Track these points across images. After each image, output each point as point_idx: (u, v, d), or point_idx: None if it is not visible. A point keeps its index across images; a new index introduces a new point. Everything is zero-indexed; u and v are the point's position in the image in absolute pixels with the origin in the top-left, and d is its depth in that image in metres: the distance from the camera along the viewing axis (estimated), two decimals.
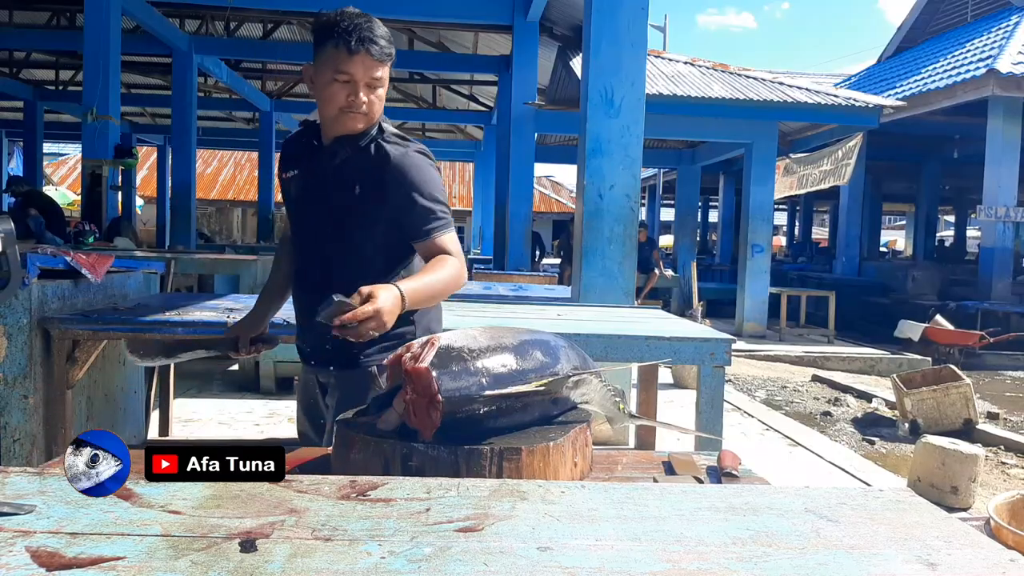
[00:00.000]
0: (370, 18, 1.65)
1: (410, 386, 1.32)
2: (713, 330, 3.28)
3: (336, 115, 1.66)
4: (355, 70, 1.62)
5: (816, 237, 27.31)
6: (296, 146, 1.82)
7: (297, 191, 1.79)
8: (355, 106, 1.64)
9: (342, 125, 1.68)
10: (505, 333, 1.51)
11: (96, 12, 7.54)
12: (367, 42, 1.61)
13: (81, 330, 2.45)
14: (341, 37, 1.60)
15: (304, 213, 1.79)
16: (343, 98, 1.64)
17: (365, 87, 1.64)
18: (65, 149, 25.56)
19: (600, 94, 4.53)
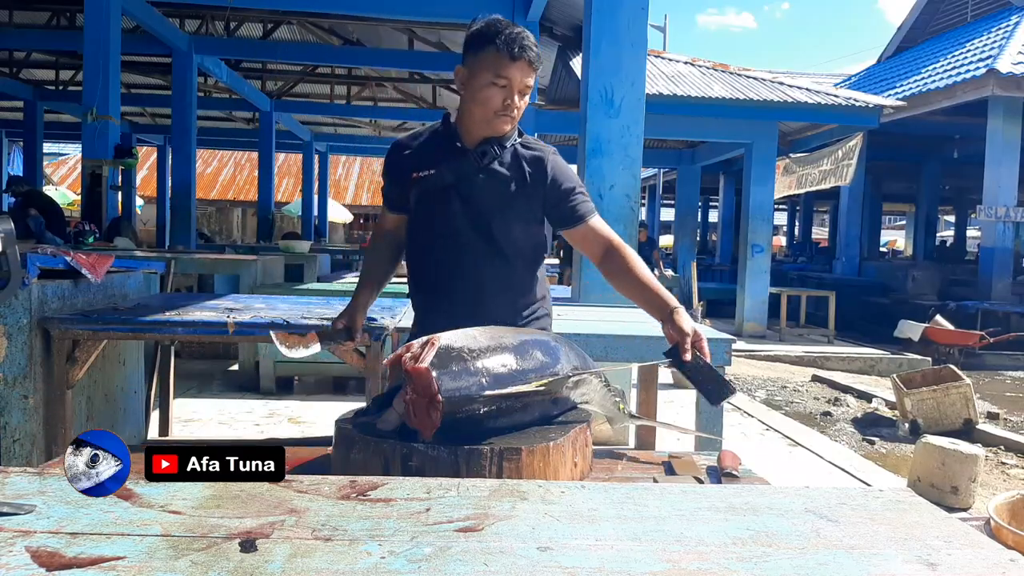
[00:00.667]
0: (517, 26, 1.74)
1: (410, 386, 1.32)
2: (713, 330, 3.28)
3: (490, 118, 1.74)
4: (513, 75, 1.69)
5: (816, 237, 27.31)
6: (429, 146, 1.85)
7: (433, 190, 1.80)
8: (508, 109, 1.72)
9: (492, 127, 1.75)
10: (505, 333, 1.51)
11: (96, 12, 7.53)
12: (527, 49, 1.69)
13: (81, 330, 2.45)
14: (504, 43, 1.68)
15: (443, 213, 1.79)
16: (499, 101, 1.71)
17: (518, 92, 1.72)
18: (65, 149, 25.55)
19: (600, 94, 4.53)
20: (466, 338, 1.42)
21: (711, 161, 14.89)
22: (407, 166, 1.83)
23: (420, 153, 1.84)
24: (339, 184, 25.10)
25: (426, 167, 1.80)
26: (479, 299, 1.78)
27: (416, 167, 1.81)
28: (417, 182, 1.80)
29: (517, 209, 1.78)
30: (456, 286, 1.80)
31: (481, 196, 1.77)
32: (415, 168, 1.81)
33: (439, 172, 1.78)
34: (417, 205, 1.83)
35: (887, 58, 17.06)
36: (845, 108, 10.20)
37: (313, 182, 18.21)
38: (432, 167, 1.79)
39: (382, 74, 13.82)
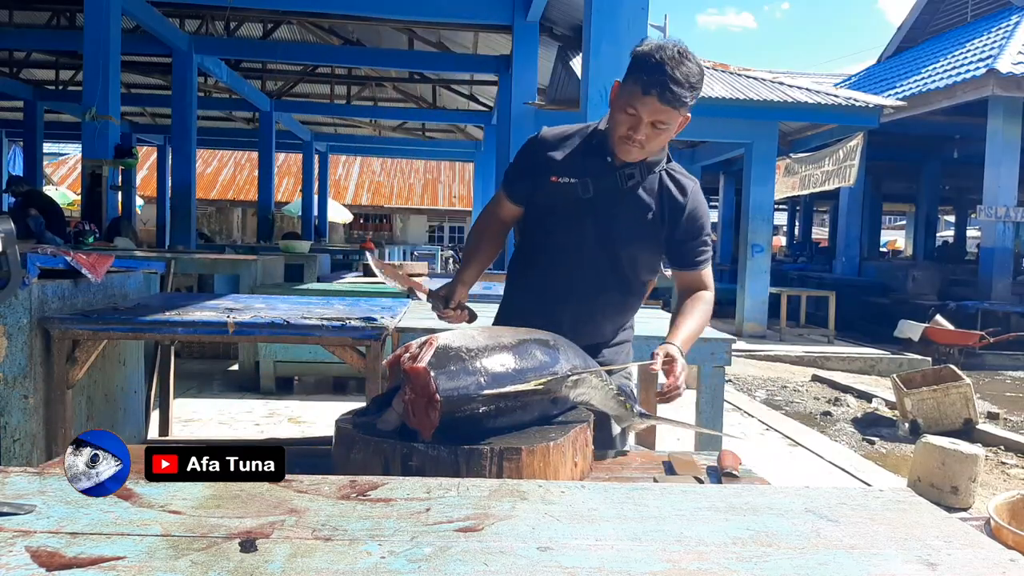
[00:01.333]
0: (681, 59, 1.63)
1: (408, 386, 1.32)
2: (713, 330, 3.28)
3: (617, 140, 1.70)
4: (642, 109, 1.64)
5: (816, 237, 27.30)
6: (577, 152, 1.80)
7: (570, 199, 1.76)
8: (631, 139, 1.67)
9: (619, 150, 1.72)
10: (503, 332, 1.51)
11: (96, 12, 7.53)
12: (665, 91, 1.61)
13: (81, 330, 2.45)
14: (647, 78, 1.61)
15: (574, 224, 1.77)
16: (624, 128, 1.67)
17: (648, 125, 1.66)
18: (65, 149, 25.55)
19: (600, 94, 4.52)
20: (464, 338, 1.42)
21: (711, 161, 14.88)
22: (548, 167, 1.78)
23: (565, 157, 1.79)
24: (339, 184, 25.10)
25: (568, 174, 1.76)
26: (588, 316, 1.82)
27: (558, 171, 1.77)
28: (555, 187, 1.76)
29: (648, 237, 1.78)
30: (568, 299, 1.80)
31: (617, 218, 1.75)
32: (557, 172, 1.77)
33: (582, 183, 1.74)
34: (547, 208, 1.81)
35: (887, 58, 17.06)
36: (845, 108, 10.20)
37: (313, 182, 18.21)
38: (575, 176, 1.75)
39: (382, 74, 13.83)
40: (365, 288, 5.77)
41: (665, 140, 1.71)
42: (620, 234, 1.76)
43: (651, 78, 1.61)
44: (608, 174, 1.74)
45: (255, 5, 9.52)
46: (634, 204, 1.75)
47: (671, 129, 1.69)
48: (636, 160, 1.73)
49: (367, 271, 6.92)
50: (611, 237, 1.76)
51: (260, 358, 5.55)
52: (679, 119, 1.69)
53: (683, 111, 1.67)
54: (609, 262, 1.78)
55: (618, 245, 1.76)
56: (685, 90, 1.63)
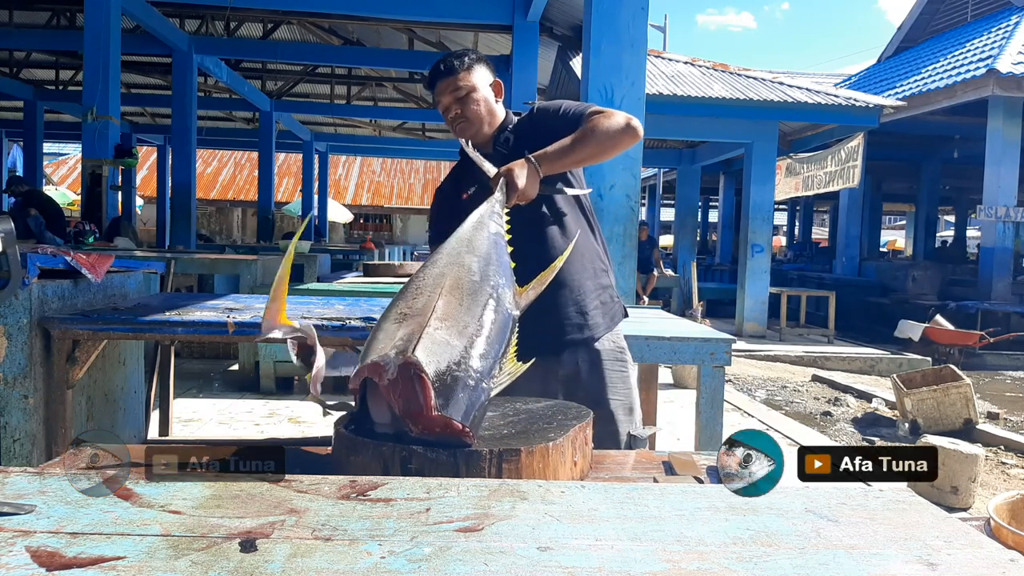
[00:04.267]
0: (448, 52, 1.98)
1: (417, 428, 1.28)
2: (713, 330, 3.28)
3: (456, 135, 1.95)
4: (440, 97, 1.94)
5: (816, 237, 27.31)
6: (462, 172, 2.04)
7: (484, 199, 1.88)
8: (454, 121, 1.94)
9: (461, 137, 1.94)
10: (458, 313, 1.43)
11: (96, 12, 7.53)
12: (437, 73, 1.92)
13: (81, 330, 2.45)
14: (427, 80, 1.96)
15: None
16: (448, 121, 1.95)
17: (454, 102, 1.92)
18: (65, 149, 25.54)
19: (600, 94, 4.52)
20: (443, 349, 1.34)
21: (711, 161, 14.89)
22: (454, 196, 2.01)
23: (458, 182, 2.03)
24: (339, 184, 25.09)
25: (468, 186, 1.97)
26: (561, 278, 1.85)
27: (460, 191, 1.99)
28: (468, 201, 1.92)
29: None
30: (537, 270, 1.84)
31: None
32: (460, 193, 1.98)
33: (480, 183, 1.91)
34: None
35: (887, 58, 17.06)
36: (845, 108, 10.20)
37: (313, 182, 18.20)
38: (473, 183, 1.95)
39: (382, 74, 13.83)
40: (365, 288, 5.77)
41: (481, 102, 1.93)
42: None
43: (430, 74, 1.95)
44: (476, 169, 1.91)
45: (255, 5, 9.52)
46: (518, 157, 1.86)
47: (476, 91, 1.92)
48: (478, 136, 1.95)
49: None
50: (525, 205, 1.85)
51: (260, 358, 5.55)
52: (473, 81, 1.91)
53: (465, 75, 1.91)
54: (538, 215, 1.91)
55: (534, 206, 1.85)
56: (450, 59, 1.92)
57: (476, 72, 1.93)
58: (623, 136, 1.82)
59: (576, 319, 1.93)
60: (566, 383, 1.91)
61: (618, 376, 1.96)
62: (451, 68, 1.91)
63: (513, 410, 1.58)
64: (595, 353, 1.93)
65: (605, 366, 1.93)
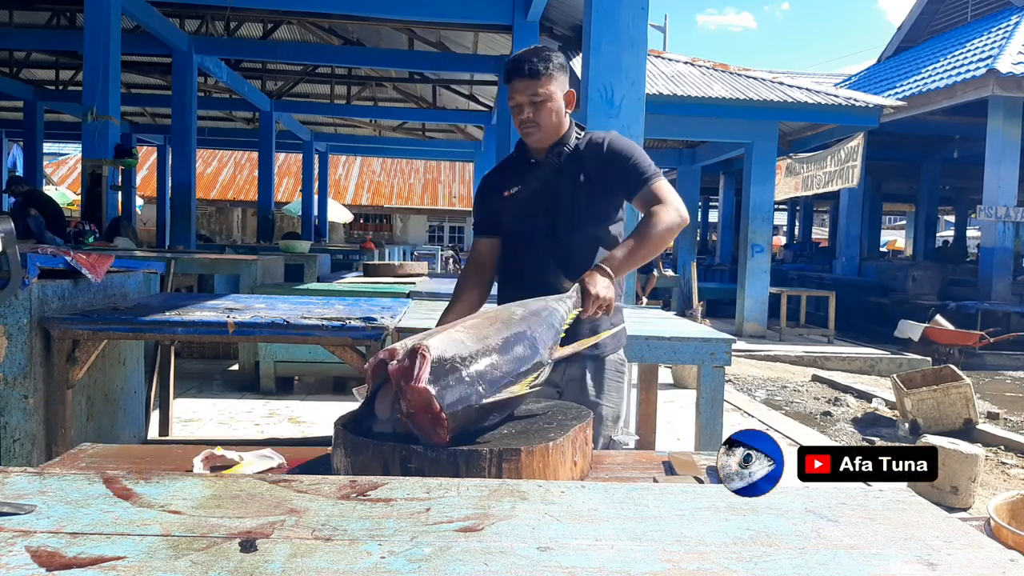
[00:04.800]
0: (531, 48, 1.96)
1: (406, 402, 1.31)
2: (713, 330, 3.28)
3: (521, 135, 1.98)
4: (516, 95, 1.93)
5: (816, 237, 27.30)
6: (510, 169, 2.10)
7: (522, 202, 2.02)
8: (524, 123, 1.94)
9: (526, 140, 1.99)
10: (485, 328, 1.50)
11: (96, 12, 7.52)
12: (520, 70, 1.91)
13: (81, 330, 2.45)
14: (506, 71, 1.95)
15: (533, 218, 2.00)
16: (517, 120, 1.96)
17: (529, 105, 1.92)
18: (65, 149, 25.53)
19: (600, 94, 4.52)
20: (454, 344, 1.39)
21: (711, 161, 14.89)
22: (497, 189, 2.07)
23: (505, 176, 2.08)
24: (339, 184, 25.09)
25: (513, 185, 2.04)
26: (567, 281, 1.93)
27: (505, 187, 2.05)
28: (509, 200, 2.03)
29: (595, 199, 1.97)
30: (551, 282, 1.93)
31: (560, 196, 1.97)
32: (504, 188, 2.05)
33: (524, 186, 2.01)
34: (513, 220, 2.05)
35: (887, 58, 17.06)
36: (845, 108, 10.20)
37: (313, 182, 18.19)
38: (517, 184, 2.03)
39: (382, 74, 13.82)
40: (365, 288, 5.77)
41: (554, 112, 1.94)
42: (569, 208, 1.97)
43: (510, 68, 1.94)
44: (536, 169, 2.01)
45: (255, 5, 9.51)
46: (568, 176, 1.97)
47: (552, 100, 1.92)
48: (543, 142, 1.98)
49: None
50: (565, 215, 1.97)
51: (260, 358, 5.55)
52: (552, 89, 1.92)
53: (549, 82, 1.91)
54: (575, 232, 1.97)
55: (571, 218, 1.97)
56: (537, 61, 1.90)
57: (557, 80, 1.94)
58: (677, 231, 1.95)
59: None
60: (569, 383, 2.02)
61: (615, 386, 2.07)
62: (535, 72, 1.90)
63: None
64: (600, 362, 2.04)
65: (607, 375, 2.05)
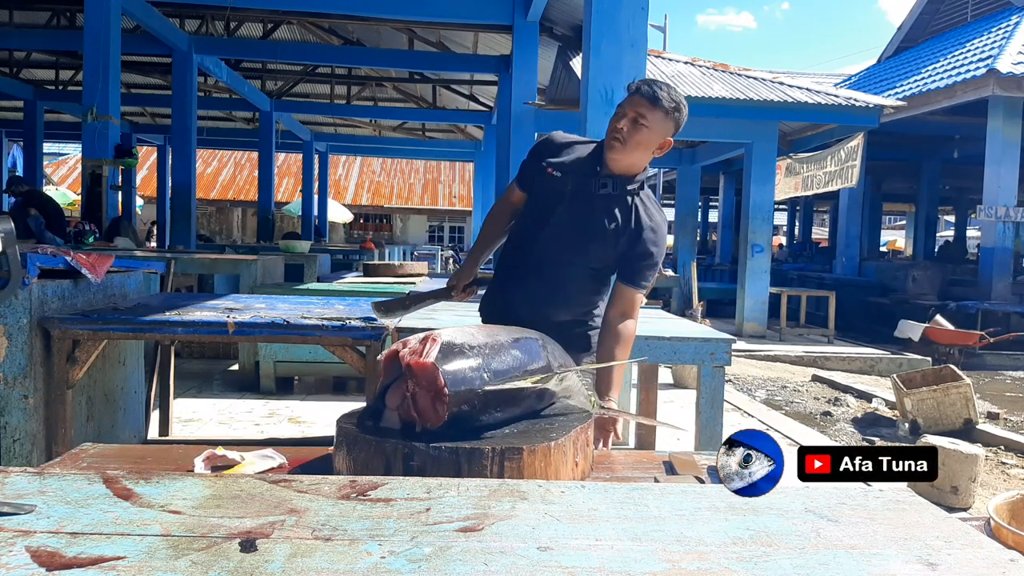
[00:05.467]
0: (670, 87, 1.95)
1: (413, 380, 1.33)
2: (713, 330, 3.28)
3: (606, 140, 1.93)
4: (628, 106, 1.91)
5: (816, 237, 27.30)
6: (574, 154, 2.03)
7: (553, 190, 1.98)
8: (615, 131, 1.90)
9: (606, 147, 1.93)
10: (498, 331, 1.55)
11: (96, 12, 7.53)
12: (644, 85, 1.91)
13: (81, 330, 2.45)
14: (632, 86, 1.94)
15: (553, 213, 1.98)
16: (612, 126, 1.92)
17: (631, 120, 1.89)
18: (65, 149, 25.54)
19: (600, 94, 4.52)
20: (465, 335, 1.45)
21: (711, 161, 14.88)
22: (548, 158, 2.03)
23: (563, 156, 2.03)
24: (339, 184, 25.09)
25: (559, 168, 1.99)
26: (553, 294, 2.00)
27: (553, 165, 2.01)
28: (547, 178, 2.00)
29: (605, 241, 1.95)
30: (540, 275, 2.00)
31: (583, 215, 1.94)
32: (552, 165, 2.00)
33: (565, 177, 1.97)
34: (537, 195, 2.04)
35: (887, 58, 17.06)
36: (845, 108, 10.20)
37: (313, 182, 18.20)
38: (563, 171, 1.98)
39: (382, 74, 13.83)
40: (365, 288, 5.77)
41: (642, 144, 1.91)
42: (582, 229, 1.95)
43: (639, 87, 1.92)
44: (588, 176, 1.96)
45: (255, 5, 9.52)
46: (603, 209, 1.94)
47: (650, 131, 1.89)
48: (615, 163, 1.93)
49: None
50: (576, 231, 1.95)
51: (260, 358, 5.54)
52: (656, 124, 1.90)
53: (659, 115, 1.89)
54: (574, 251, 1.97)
55: (581, 239, 1.95)
56: (663, 95, 1.88)
57: (667, 121, 1.92)
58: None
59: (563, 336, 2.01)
60: None
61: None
62: (656, 100, 1.88)
63: None
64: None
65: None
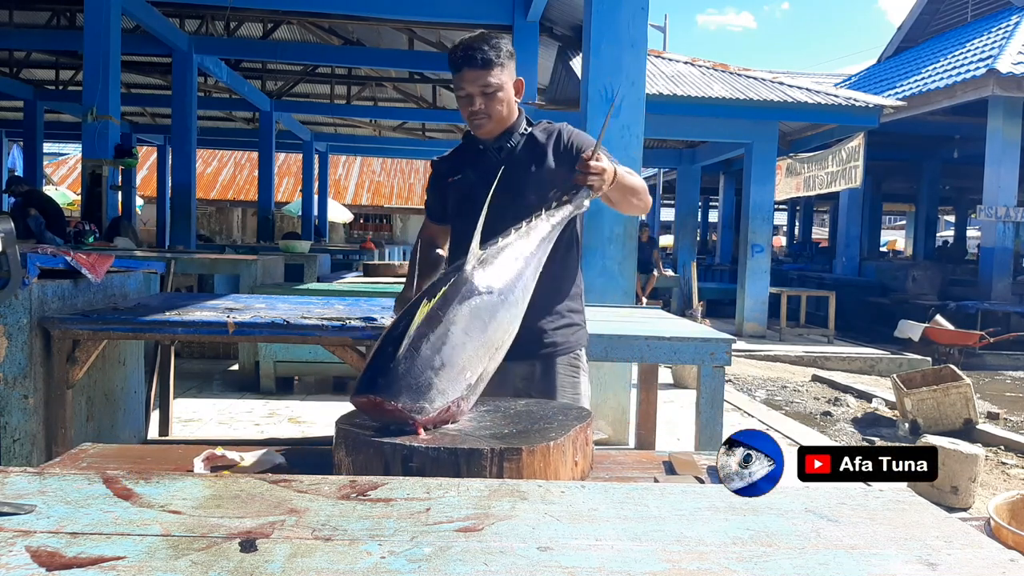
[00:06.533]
0: (479, 36, 1.89)
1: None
2: (713, 330, 3.28)
3: (470, 126, 1.95)
4: (465, 84, 1.88)
5: (816, 237, 27.31)
6: (458, 156, 2.08)
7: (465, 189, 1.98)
8: (475, 115, 1.90)
9: (475, 131, 1.96)
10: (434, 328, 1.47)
11: (96, 12, 7.53)
12: (469, 58, 1.85)
13: (81, 330, 2.45)
14: (452, 60, 1.89)
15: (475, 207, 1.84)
16: (466, 111, 1.92)
17: (480, 95, 1.88)
18: (65, 149, 25.52)
19: (600, 94, 4.52)
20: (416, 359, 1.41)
21: (711, 161, 14.88)
22: (443, 176, 2.06)
23: (452, 163, 2.07)
24: (339, 184, 25.08)
25: (457, 172, 2.02)
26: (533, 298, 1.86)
27: (450, 174, 2.04)
28: (451, 186, 2.02)
29: (542, 190, 1.91)
30: None
31: (507, 185, 1.87)
32: (449, 175, 2.04)
33: (466, 173, 2.00)
34: (456, 206, 2.03)
35: (887, 58, 17.05)
36: (845, 108, 10.20)
37: (313, 182, 18.19)
38: (461, 171, 2.01)
39: (382, 74, 13.82)
40: (365, 288, 5.77)
41: (504, 102, 1.91)
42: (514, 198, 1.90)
43: (459, 56, 1.87)
44: (482, 156, 1.99)
45: (255, 5, 9.51)
46: (518, 166, 1.94)
47: (503, 90, 1.89)
48: (492, 133, 1.95)
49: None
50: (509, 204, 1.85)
51: (260, 358, 5.54)
52: (503, 79, 1.89)
53: (498, 71, 1.87)
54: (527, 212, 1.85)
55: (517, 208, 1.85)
56: (489, 51, 1.85)
57: (508, 68, 1.90)
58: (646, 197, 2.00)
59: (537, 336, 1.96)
60: (521, 380, 1.99)
61: (568, 381, 2.02)
62: (488, 62, 1.85)
63: (515, 410, 1.58)
64: (550, 361, 2.00)
65: (557, 370, 2.00)
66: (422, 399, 1.34)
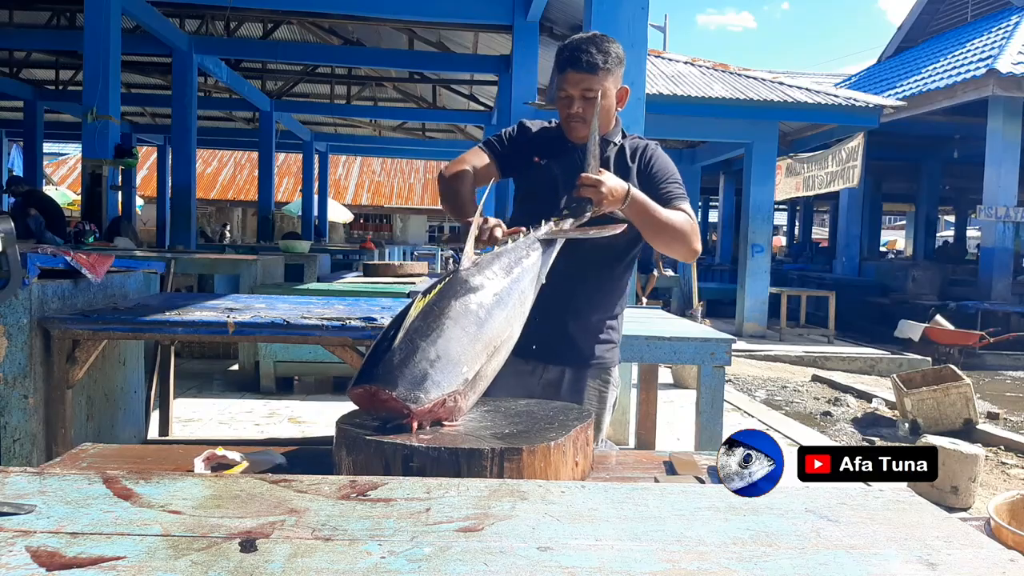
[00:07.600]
0: (591, 37, 1.85)
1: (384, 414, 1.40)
2: (713, 330, 3.29)
3: (565, 126, 1.89)
4: (568, 86, 1.84)
5: (816, 237, 27.31)
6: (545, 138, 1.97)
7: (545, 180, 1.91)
8: (572, 116, 1.85)
9: (568, 132, 1.89)
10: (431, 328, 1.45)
11: (96, 12, 7.53)
12: (576, 60, 1.81)
13: (81, 330, 2.45)
14: (560, 59, 1.84)
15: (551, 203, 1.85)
16: (564, 112, 1.87)
17: (580, 98, 1.83)
18: (65, 149, 25.52)
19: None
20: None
21: (711, 161, 14.89)
22: (530, 149, 1.96)
23: (539, 142, 1.97)
24: (339, 184, 25.09)
25: (543, 157, 1.93)
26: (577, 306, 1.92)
27: (537, 153, 1.94)
28: (534, 168, 1.94)
29: None
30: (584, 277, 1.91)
31: None
32: (536, 154, 1.94)
33: (549, 165, 1.92)
34: (528, 189, 2.00)
35: (887, 58, 17.06)
36: (845, 108, 10.20)
37: (313, 182, 18.19)
38: (547, 158, 1.93)
39: (382, 74, 13.82)
40: (365, 288, 5.77)
41: (606, 110, 1.85)
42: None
43: (565, 57, 1.83)
44: (570, 156, 1.88)
45: (255, 5, 9.51)
46: None
47: (606, 97, 1.83)
48: (587, 138, 1.81)
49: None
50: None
51: (260, 358, 5.55)
52: (607, 86, 1.83)
53: (605, 77, 1.82)
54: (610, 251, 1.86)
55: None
56: (597, 54, 1.80)
57: (614, 75, 1.84)
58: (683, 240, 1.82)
59: (575, 344, 1.95)
60: (547, 386, 1.97)
61: (595, 393, 2.00)
62: (593, 65, 1.79)
63: (515, 410, 1.58)
64: (582, 370, 1.98)
65: (587, 382, 1.98)
66: (417, 389, 1.34)
